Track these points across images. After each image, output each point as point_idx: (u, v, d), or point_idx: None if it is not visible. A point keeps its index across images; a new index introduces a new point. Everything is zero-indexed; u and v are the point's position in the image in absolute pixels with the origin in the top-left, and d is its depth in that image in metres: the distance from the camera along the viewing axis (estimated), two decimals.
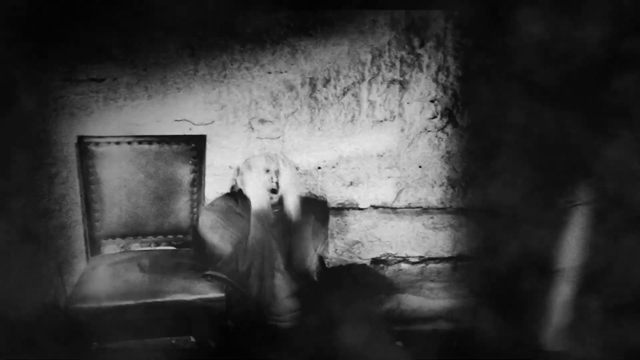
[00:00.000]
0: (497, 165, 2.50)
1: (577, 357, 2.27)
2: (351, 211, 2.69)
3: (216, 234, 2.19)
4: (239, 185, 2.31)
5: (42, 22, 2.27)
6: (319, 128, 2.59)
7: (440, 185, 2.70)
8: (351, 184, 2.66)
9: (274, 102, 2.55)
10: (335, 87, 2.57)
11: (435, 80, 2.61)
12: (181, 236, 2.34)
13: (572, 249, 2.22)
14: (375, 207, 2.70)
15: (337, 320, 2.25)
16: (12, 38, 2.23)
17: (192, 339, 2.28)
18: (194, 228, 2.31)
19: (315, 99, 2.57)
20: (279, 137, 2.58)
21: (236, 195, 2.30)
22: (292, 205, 2.26)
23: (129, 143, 2.23)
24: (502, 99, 2.46)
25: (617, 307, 2.21)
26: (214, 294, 1.97)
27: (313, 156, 2.62)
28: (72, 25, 2.31)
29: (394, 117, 2.63)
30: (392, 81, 2.60)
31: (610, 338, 2.20)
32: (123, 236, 2.26)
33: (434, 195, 2.71)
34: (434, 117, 2.64)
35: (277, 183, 2.25)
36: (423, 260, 2.75)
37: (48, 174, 2.43)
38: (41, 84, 2.37)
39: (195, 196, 2.32)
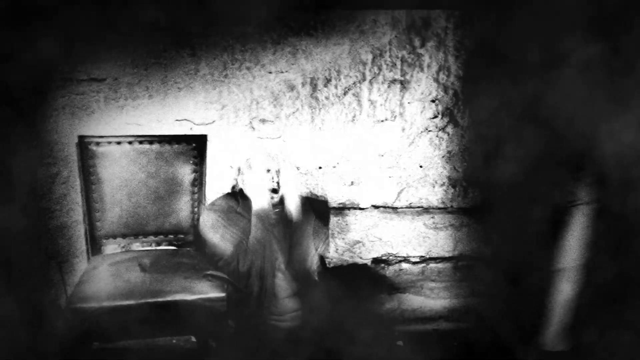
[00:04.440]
0: (497, 164, 2.51)
1: (577, 357, 2.27)
2: (352, 211, 2.69)
3: (217, 233, 2.19)
4: (240, 185, 2.31)
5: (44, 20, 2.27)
6: (319, 128, 2.59)
7: (441, 185, 2.70)
8: (352, 183, 2.66)
9: (274, 102, 2.55)
10: (336, 87, 2.57)
11: (436, 80, 2.61)
12: (182, 236, 2.34)
13: (572, 249, 2.22)
14: (376, 206, 2.70)
15: (337, 320, 2.25)
16: (12, 37, 2.23)
17: (193, 339, 2.28)
18: (194, 228, 2.31)
19: (316, 99, 2.57)
20: (279, 137, 2.58)
21: (237, 195, 2.31)
22: (293, 205, 2.26)
23: (130, 143, 2.23)
24: (502, 97, 2.46)
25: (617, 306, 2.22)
26: (214, 293, 1.97)
27: (314, 156, 2.62)
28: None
29: (395, 116, 2.63)
30: (393, 81, 2.60)
31: (610, 338, 2.20)
32: (124, 236, 2.26)
33: (434, 195, 2.71)
34: (435, 116, 2.64)
35: (277, 183, 2.25)
36: (424, 260, 2.75)
37: (49, 174, 2.43)
38: (42, 84, 2.37)
39: (196, 196, 2.32)
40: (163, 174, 2.27)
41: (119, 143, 2.22)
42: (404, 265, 2.75)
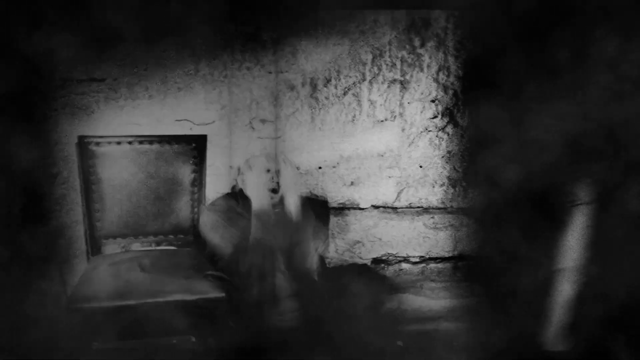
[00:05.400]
0: (497, 164, 2.51)
1: (577, 357, 2.27)
2: (352, 211, 2.69)
3: (217, 233, 2.19)
4: (240, 185, 2.31)
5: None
6: (319, 128, 2.60)
7: (441, 185, 2.70)
8: (352, 183, 2.66)
9: (274, 102, 2.55)
10: (335, 87, 2.57)
11: (436, 80, 2.61)
12: (182, 236, 2.33)
13: (572, 249, 2.22)
14: (375, 206, 2.70)
15: (337, 320, 2.25)
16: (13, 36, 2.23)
17: (193, 339, 2.28)
18: (194, 228, 2.31)
19: (316, 99, 2.57)
20: (279, 137, 2.58)
21: (237, 195, 2.30)
22: (292, 205, 2.26)
23: (130, 143, 2.23)
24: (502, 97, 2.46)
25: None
26: (214, 294, 1.97)
27: (314, 156, 2.62)
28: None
29: (395, 116, 2.63)
30: (393, 81, 2.60)
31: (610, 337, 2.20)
32: (124, 236, 2.26)
33: (434, 195, 2.71)
34: (435, 116, 2.65)
35: (277, 183, 2.25)
36: (424, 260, 2.75)
37: (49, 174, 2.43)
38: (42, 84, 2.37)
39: (196, 196, 2.32)
40: (163, 174, 2.27)
41: (118, 143, 2.22)
42: (404, 266, 2.75)
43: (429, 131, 2.66)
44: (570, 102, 2.22)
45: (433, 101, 2.63)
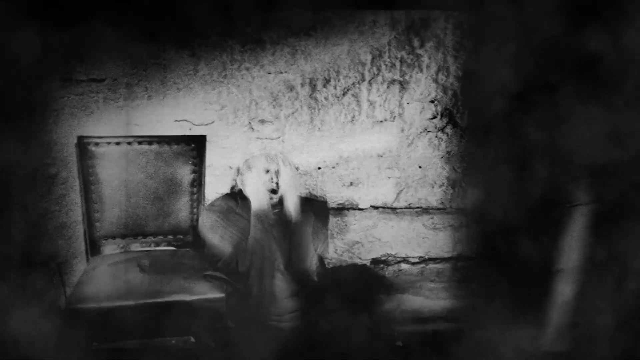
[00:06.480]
0: (496, 164, 2.51)
1: (577, 357, 2.27)
2: (351, 211, 2.69)
3: (216, 234, 2.19)
4: (239, 186, 2.31)
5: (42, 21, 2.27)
6: (319, 128, 2.60)
7: (440, 186, 2.70)
8: (351, 184, 2.66)
9: (274, 103, 2.55)
10: (335, 88, 2.57)
11: (435, 81, 2.61)
12: (181, 236, 2.34)
13: (572, 249, 2.22)
14: (375, 207, 2.70)
15: (337, 321, 2.25)
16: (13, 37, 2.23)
17: (192, 340, 2.28)
18: (194, 228, 2.31)
19: (315, 99, 2.57)
20: (279, 138, 2.58)
21: (236, 196, 2.31)
22: (292, 205, 2.26)
23: (129, 143, 2.23)
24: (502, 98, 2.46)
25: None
26: (214, 294, 1.97)
27: (313, 156, 2.62)
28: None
29: (394, 117, 2.63)
30: (392, 81, 2.60)
31: (609, 338, 2.20)
32: (123, 236, 2.26)
33: (434, 196, 2.71)
34: (434, 117, 2.65)
35: (277, 183, 2.25)
36: (423, 260, 2.75)
37: (48, 174, 2.43)
38: (41, 84, 2.37)
39: (195, 196, 2.32)
40: (162, 174, 2.27)
41: (118, 143, 2.22)
42: (403, 266, 2.75)
43: (429, 132, 2.66)
44: (578, 103, 2.22)
45: (432, 102, 2.63)
